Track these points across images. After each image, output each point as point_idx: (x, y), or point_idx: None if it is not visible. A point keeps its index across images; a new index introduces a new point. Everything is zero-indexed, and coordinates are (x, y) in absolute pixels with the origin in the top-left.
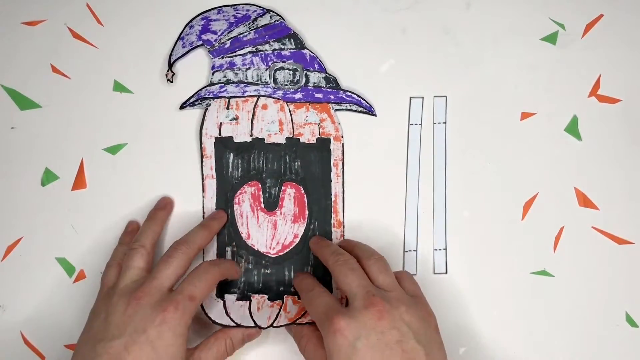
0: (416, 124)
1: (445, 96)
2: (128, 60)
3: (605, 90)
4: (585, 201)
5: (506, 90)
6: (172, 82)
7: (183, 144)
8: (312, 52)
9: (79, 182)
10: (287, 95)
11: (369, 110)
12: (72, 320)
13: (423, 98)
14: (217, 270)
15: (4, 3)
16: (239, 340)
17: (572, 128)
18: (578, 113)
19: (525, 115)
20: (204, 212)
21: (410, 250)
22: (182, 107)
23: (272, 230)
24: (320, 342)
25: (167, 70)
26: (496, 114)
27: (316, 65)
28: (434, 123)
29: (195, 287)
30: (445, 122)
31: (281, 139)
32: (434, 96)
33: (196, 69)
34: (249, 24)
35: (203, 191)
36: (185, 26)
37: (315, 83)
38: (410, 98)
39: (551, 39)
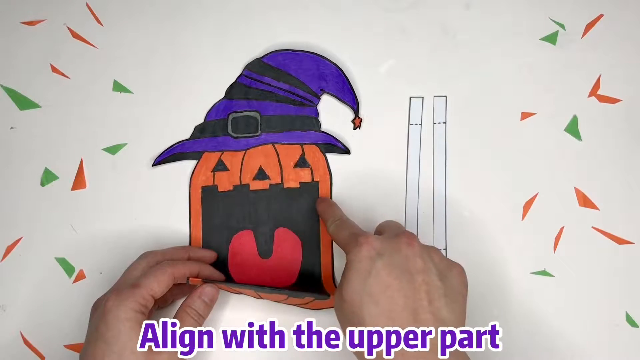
0: (416, 124)
1: (445, 96)
2: (128, 60)
3: (605, 90)
4: (585, 201)
5: (506, 90)
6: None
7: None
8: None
9: (79, 182)
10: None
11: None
12: (71, 320)
13: (423, 98)
14: (172, 267)
15: (3, 3)
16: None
17: (572, 128)
18: (578, 113)
19: (525, 115)
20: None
21: None
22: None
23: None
24: None
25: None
26: (496, 114)
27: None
28: (434, 123)
29: (144, 278)
30: (445, 122)
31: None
32: (434, 96)
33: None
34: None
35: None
36: None
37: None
38: (410, 98)
39: (551, 39)
